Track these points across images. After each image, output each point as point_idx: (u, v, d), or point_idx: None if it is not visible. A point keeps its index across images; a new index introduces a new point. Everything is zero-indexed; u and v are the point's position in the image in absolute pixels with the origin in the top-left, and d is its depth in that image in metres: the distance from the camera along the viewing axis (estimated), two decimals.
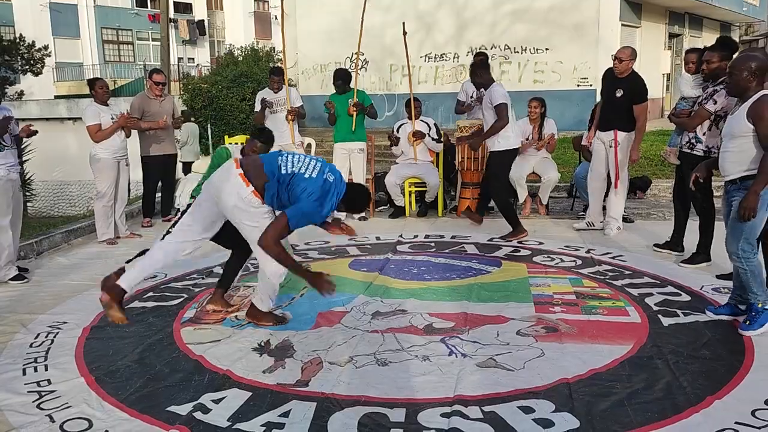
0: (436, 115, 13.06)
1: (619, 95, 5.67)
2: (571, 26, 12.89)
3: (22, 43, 20.14)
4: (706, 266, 4.87)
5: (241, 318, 4.05)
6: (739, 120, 3.57)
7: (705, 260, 4.91)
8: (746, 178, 3.58)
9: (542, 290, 4.47)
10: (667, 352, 3.39)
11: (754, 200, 3.48)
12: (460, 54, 14.29)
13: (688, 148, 4.90)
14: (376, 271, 4.98)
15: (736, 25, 21.83)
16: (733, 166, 3.64)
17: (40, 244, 5.89)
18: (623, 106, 5.70)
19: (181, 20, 32.08)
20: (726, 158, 3.67)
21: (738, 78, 3.57)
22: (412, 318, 3.98)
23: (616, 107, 5.70)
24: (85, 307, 4.33)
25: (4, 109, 4.93)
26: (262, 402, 2.96)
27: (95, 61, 30.43)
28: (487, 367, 3.27)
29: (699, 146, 4.82)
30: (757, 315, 3.58)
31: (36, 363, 3.45)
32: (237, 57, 14.82)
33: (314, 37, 15.84)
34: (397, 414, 2.81)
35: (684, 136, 4.95)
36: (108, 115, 6.13)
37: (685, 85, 5.15)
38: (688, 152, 4.90)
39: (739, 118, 3.58)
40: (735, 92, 3.69)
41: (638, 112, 5.71)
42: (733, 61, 3.66)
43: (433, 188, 6.96)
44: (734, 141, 3.61)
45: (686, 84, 5.15)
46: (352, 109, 6.65)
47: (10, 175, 4.88)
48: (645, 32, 15.20)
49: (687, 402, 2.85)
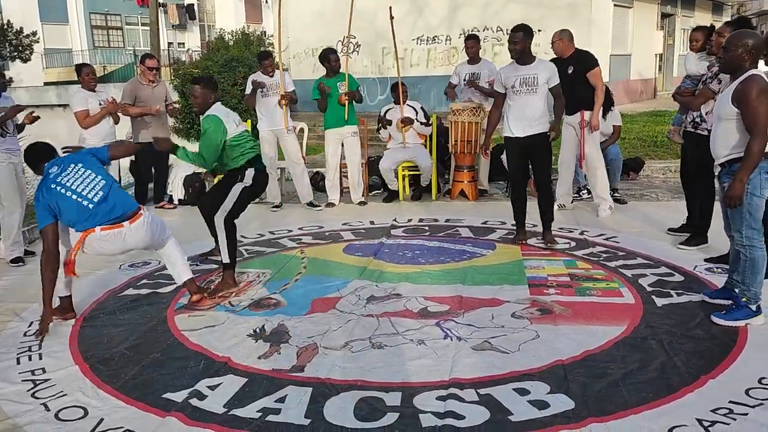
0: (428, 97, 13.00)
1: (570, 72, 5.67)
2: (564, 7, 12.80)
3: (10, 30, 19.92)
4: (704, 247, 4.84)
5: (236, 304, 4.04)
6: (725, 103, 3.47)
7: (702, 242, 4.90)
8: (734, 161, 3.47)
9: (537, 272, 4.48)
10: (661, 332, 3.40)
11: (738, 188, 3.36)
12: (452, 36, 14.18)
13: (692, 127, 4.87)
14: (370, 256, 4.97)
15: (729, 4, 21.75)
16: (721, 149, 3.54)
17: (32, 233, 5.84)
18: (579, 82, 5.72)
19: (171, 5, 31.69)
20: (715, 141, 3.58)
21: (733, 54, 3.46)
22: (407, 302, 3.98)
23: (574, 86, 5.65)
24: (78, 295, 4.29)
25: (8, 99, 5.12)
26: (258, 388, 2.96)
27: (84, 46, 30.08)
28: (483, 350, 3.27)
29: (704, 125, 4.76)
30: (736, 308, 3.50)
31: (30, 352, 3.44)
32: (228, 41, 14.66)
33: (305, 20, 15.70)
34: (393, 398, 2.82)
35: (688, 114, 4.92)
36: (96, 101, 6.09)
37: (691, 63, 5.11)
38: (692, 131, 4.87)
39: (725, 100, 3.48)
40: (727, 68, 3.60)
41: (594, 79, 5.78)
42: (730, 37, 3.57)
43: (426, 171, 6.94)
44: (721, 124, 3.52)
45: (691, 62, 5.11)
46: (343, 98, 6.59)
47: (12, 158, 5.02)
48: (637, 12, 15.13)
49: (681, 382, 2.87)
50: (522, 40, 4.89)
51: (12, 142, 5.06)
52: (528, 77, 4.93)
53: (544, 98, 4.99)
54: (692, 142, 4.86)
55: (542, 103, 4.98)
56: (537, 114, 4.95)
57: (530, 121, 4.95)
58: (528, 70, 4.94)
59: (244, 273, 4.64)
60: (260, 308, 3.98)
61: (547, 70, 4.99)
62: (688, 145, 4.95)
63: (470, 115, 6.71)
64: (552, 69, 5.03)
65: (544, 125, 4.99)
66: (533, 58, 5.00)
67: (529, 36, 4.94)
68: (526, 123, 4.96)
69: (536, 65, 4.98)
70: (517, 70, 4.98)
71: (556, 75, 5.00)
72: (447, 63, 13.87)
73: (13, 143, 5.07)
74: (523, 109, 4.95)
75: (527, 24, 4.98)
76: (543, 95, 4.98)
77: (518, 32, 4.89)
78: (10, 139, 5.03)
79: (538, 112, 4.95)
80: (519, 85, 4.94)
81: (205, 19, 34.03)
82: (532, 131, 4.95)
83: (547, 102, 5.00)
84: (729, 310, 3.52)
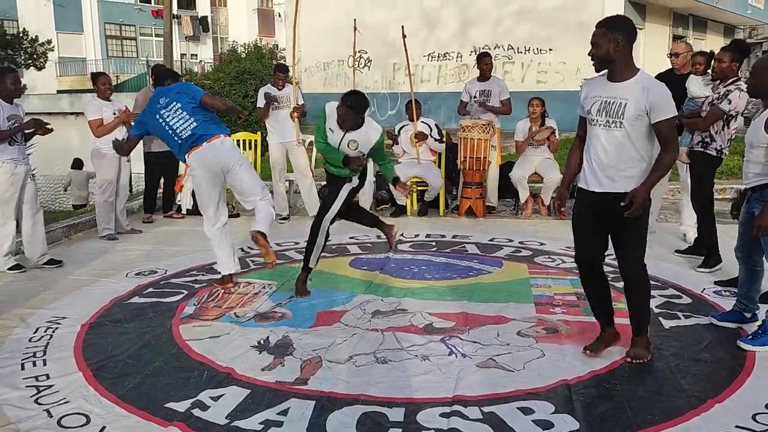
0: (438, 114, 13.03)
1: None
2: (574, 27, 12.84)
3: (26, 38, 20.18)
4: (719, 267, 4.78)
5: (241, 315, 4.04)
6: (756, 130, 3.51)
7: (718, 261, 4.84)
8: (765, 186, 3.48)
9: (543, 291, 4.46)
10: (668, 354, 3.37)
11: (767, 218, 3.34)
12: (463, 53, 14.25)
13: (701, 147, 4.85)
14: (376, 270, 4.96)
15: (741, 27, 21.76)
16: (752, 174, 3.56)
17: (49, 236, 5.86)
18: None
19: (185, 16, 32.08)
20: (747, 166, 3.61)
21: (760, 79, 3.49)
22: (412, 317, 3.97)
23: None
24: (84, 302, 4.32)
25: (18, 107, 5.09)
26: (261, 399, 2.94)
27: (98, 56, 30.43)
28: (487, 368, 3.25)
29: (713, 145, 4.77)
30: (762, 333, 3.45)
31: (35, 358, 3.44)
32: (240, 54, 14.80)
33: (317, 34, 15.80)
34: (396, 413, 2.80)
35: (696, 135, 4.92)
36: (110, 110, 6.13)
37: (694, 85, 5.14)
38: (701, 151, 4.85)
39: (757, 127, 3.52)
40: (757, 93, 3.64)
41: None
42: (756, 62, 3.60)
43: (434, 189, 6.97)
44: (753, 150, 3.55)
45: (695, 85, 5.14)
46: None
47: (17, 168, 4.98)
48: (649, 33, 15.16)
49: (687, 405, 2.84)
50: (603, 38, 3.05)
51: (20, 152, 5.01)
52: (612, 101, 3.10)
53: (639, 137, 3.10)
54: (701, 161, 4.86)
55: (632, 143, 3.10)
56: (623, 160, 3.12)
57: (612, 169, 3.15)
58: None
59: (249, 284, 4.64)
60: (265, 320, 3.98)
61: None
62: (697, 165, 4.94)
63: (480, 132, 6.73)
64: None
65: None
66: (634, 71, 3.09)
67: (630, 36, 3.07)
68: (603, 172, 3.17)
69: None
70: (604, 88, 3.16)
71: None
72: (458, 80, 13.93)
73: (20, 152, 5.01)
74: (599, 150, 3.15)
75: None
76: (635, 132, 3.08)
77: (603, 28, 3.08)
78: (18, 148, 5.00)
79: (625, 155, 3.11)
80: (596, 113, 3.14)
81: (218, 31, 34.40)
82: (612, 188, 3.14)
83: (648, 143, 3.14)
84: (756, 336, 3.47)
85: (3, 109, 4.91)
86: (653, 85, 3.05)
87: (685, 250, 5.31)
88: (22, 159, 5.05)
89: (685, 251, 5.30)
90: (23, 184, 5.05)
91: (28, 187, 5.12)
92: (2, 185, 4.92)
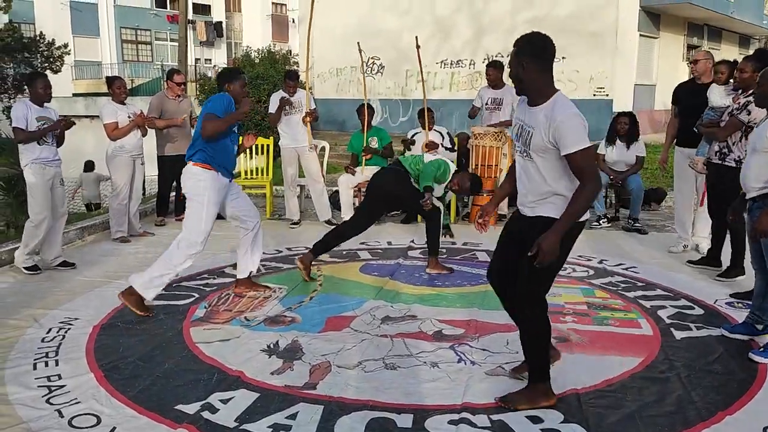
0: (450, 121, 13.03)
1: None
2: (588, 35, 12.83)
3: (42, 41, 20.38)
4: (741, 279, 4.74)
5: (251, 319, 4.06)
6: (761, 136, 3.49)
7: (740, 273, 4.80)
8: (766, 196, 3.45)
9: (553, 300, 4.42)
10: (679, 365, 3.35)
11: (767, 222, 3.33)
12: (476, 61, 14.25)
13: (719, 158, 4.81)
14: (386, 276, 4.97)
15: (756, 38, 21.64)
16: (753, 182, 3.53)
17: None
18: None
19: (200, 21, 32.31)
20: (747, 174, 3.57)
21: (766, 89, 3.50)
22: (421, 324, 3.97)
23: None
24: (97, 303, 4.35)
25: (49, 110, 5.15)
26: (270, 403, 2.96)
27: (113, 60, 30.72)
28: (496, 375, 3.25)
29: (731, 156, 4.73)
30: None
31: (47, 358, 3.48)
32: (254, 59, 14.89)
33: (329, 40, 15.87)
34: (405, 419, 2.80)
35: (714, 145, 4.87)
36: (125, 114, 6.19)
37: (715, 95, 5.09)
38: (719, 162, 4.81)
39: (761, 133, 3.50)
40: (763, 103, 3.63)
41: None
42: (764, 72, 3.58)
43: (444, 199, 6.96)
44: (755, 156, 3.52)
45: (716, 94, 5.09)
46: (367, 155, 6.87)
47: (46, 169, 5.05)
48: (663, 43, 15.11)
49: (698, 417, 2.82)
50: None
51: (49, 152, 5.08)
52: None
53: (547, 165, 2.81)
54: (718, 173, 4.81)
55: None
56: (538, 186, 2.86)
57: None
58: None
59: (261, 288, 4.65)
60: (275, 324, 3.99)
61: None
62: (714, 176, 4.90)
63: (492, 140, 6.73)
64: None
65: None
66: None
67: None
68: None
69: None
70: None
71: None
72: (470, 87, 13.93)
73: (50, 153, 5.09)
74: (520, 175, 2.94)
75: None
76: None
77: None
78: (47, 148, 5.06)
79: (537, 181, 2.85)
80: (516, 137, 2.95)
81: (232, 36, 34.60)
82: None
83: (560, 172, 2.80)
84: (766, 348, 3.45)
85: (31, 111, 5.00)
86: (559, 113, 2.64)
87: (698, 261, 5.27)
88: (52, 160, 5.12)
89: (698, 262, 5.26)
90: (53, 185, 5.12)
91: (57, 190, 5.17)
92: (32, 185, 5.01)
